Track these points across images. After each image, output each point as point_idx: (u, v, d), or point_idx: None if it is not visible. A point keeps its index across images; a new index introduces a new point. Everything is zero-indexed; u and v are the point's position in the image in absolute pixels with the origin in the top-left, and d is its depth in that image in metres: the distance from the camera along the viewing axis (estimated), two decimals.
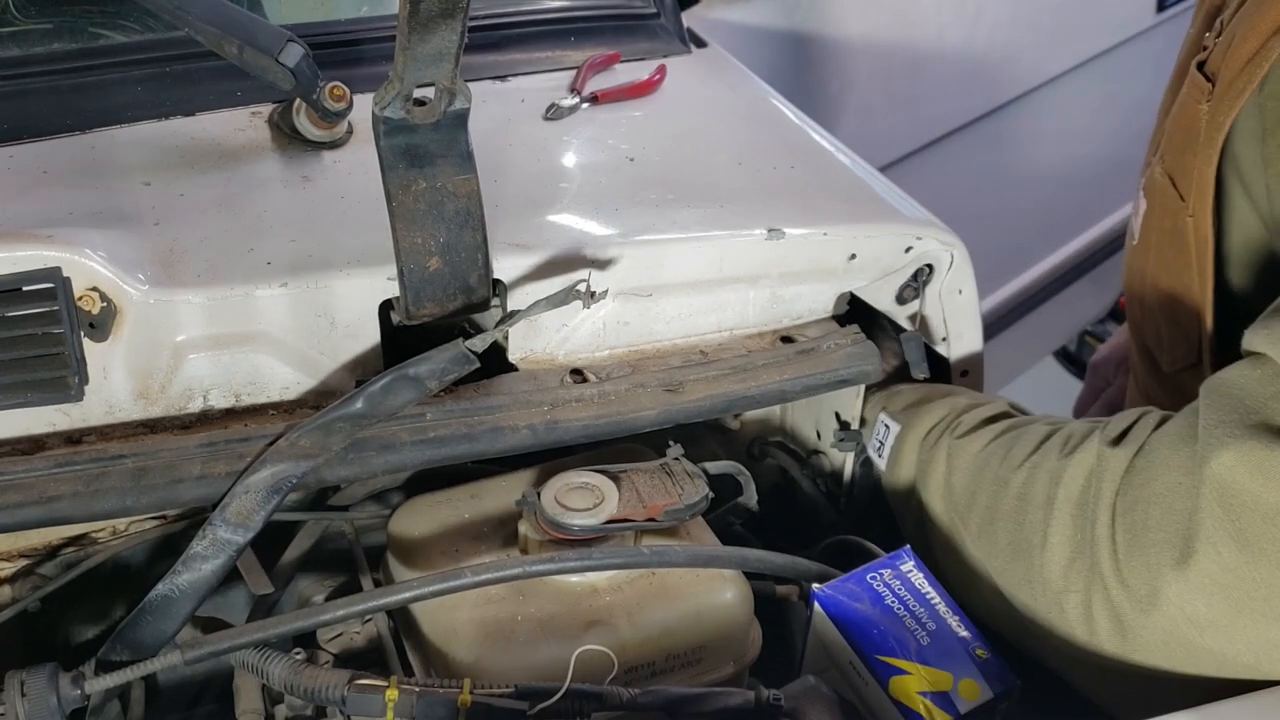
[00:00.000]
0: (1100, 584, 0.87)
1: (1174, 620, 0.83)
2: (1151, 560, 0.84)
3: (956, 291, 1.20)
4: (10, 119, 1.14)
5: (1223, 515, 0.80)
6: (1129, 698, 0.90)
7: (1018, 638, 0.98)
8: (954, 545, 1.03)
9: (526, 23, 1.42)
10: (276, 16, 1.41)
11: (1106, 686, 0.92)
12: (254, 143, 1.16)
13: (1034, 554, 0.93)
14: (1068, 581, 0.90)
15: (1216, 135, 0.96)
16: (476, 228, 0.98)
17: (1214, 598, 0.80)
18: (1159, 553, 0.83)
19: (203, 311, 0.96)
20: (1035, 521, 0.93)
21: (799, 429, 1.32)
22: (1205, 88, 0.99)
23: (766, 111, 1.40)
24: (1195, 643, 0.82)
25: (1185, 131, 1.02)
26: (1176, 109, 1.06)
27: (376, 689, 0.87)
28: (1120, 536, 0.86)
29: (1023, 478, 0.96)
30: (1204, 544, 0.80)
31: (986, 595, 0.99)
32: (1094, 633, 0.88)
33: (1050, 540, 0.91)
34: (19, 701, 0.85)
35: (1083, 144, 2.91)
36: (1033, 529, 0.93)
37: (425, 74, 0.88)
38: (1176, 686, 0.85)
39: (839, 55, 2.38)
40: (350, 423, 0.93)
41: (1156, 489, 0.85)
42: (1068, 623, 0.90)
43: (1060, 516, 0.91)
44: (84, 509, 0.90)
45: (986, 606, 1.00)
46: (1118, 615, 0.86)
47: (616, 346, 1.11)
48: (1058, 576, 0.90)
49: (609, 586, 0.98)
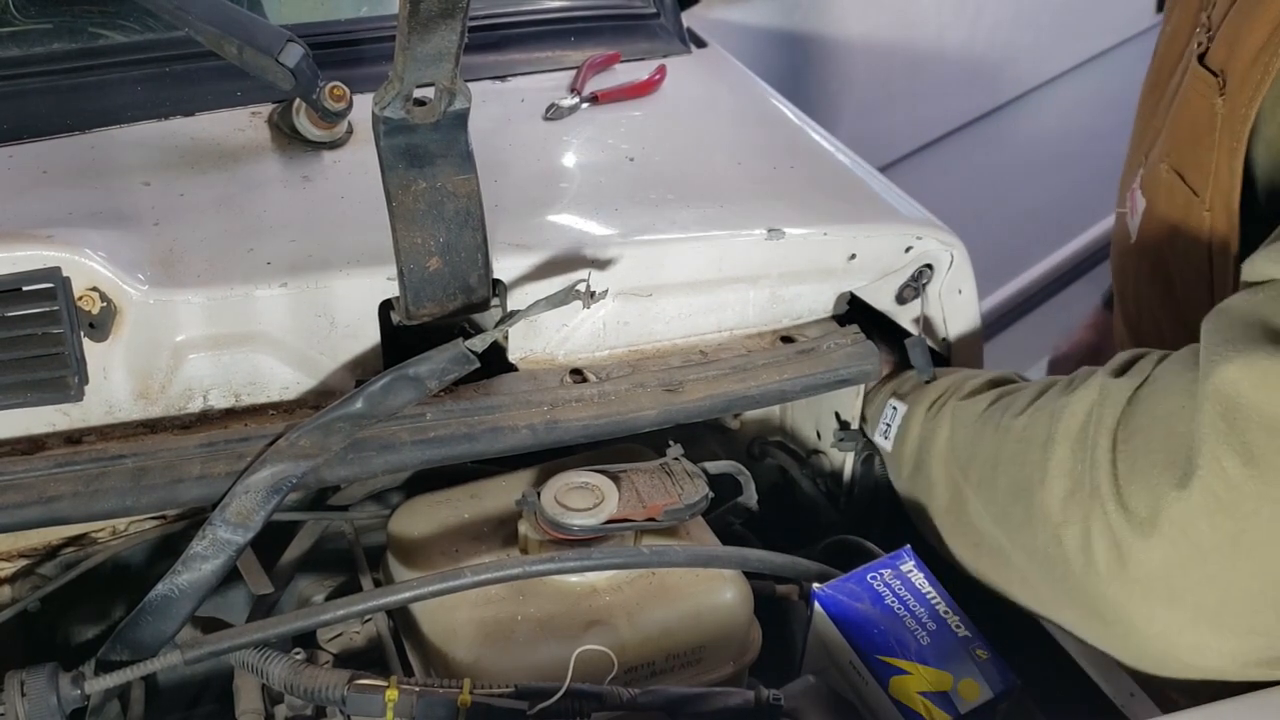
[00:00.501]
0: (1100, 509, 0.84)
1: (1175, 544, 0.80)
2: (1153, 481, 0.81)
3: (956, 291, 1.20)
4: (10, 119, 1.14)
5: (1226, 429, 0.77)
6: (1123, 639, 0.87)
7: (1017, 594, 0.96)
8: (955, 508, 1.02)
9: (526, 23, 1.42)
10: (276, 16, 1.41)
11: (1100, 627, 0.89)
12: (254, 143, 1.16)
13: (1034, 491, 0.90)
14: (1066, 513, 0.87)
15: (1240, 128, 0.96)
16: (476, 228, 0.98)
17: (1216, 516, 0.78)
18: (1160, 474, 0.81)
19: (202, 311, 0.96)
20: (1035, 460, 0.91)
21: (799, 429, 1.32)
22: (1213, 82, 1.00)
23: (766, 111, 1.40)
24: (1196, 570, 0.80)
25: (1193, 126, 1.03)
26: (1179, 105, 1.07)
27: (376, 689, 0.87)
28: (1121, 461, 0.84)
29: (1024, 421, 0.94)
30: (1206, 460, 0.78)
31: (987, 556, 0.98)
32: (1091, 563, 0.85)
33: (1050, 474, 0.89)
34: (19, 701, 0.85)
35: (1083, 144, 2.92)
36: (1033, 467, 0.91)
37: (425, 74, 0.88)
38: (1174, 627, 0.83)
39: (839, 55, 2.38)
40: (350, 423, 0.93)
41: (1158, 413, 0.83)
42: (1065, 556, 0.87)
43: (1060, 450, 0.89)
44: (84, 509, 0.90)
45: (987, 570, 0.98)
46: (1117, 542, 0.83)
47: (616, 346, 1.11)
48: (1056, 510, 0.88)
49: (609, 586, 0.98)
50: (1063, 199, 2.95)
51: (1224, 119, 0.99)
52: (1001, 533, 0.95)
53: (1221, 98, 0.98)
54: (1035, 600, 0.95)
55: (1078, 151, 2.94)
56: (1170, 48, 1.17)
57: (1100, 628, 0.89)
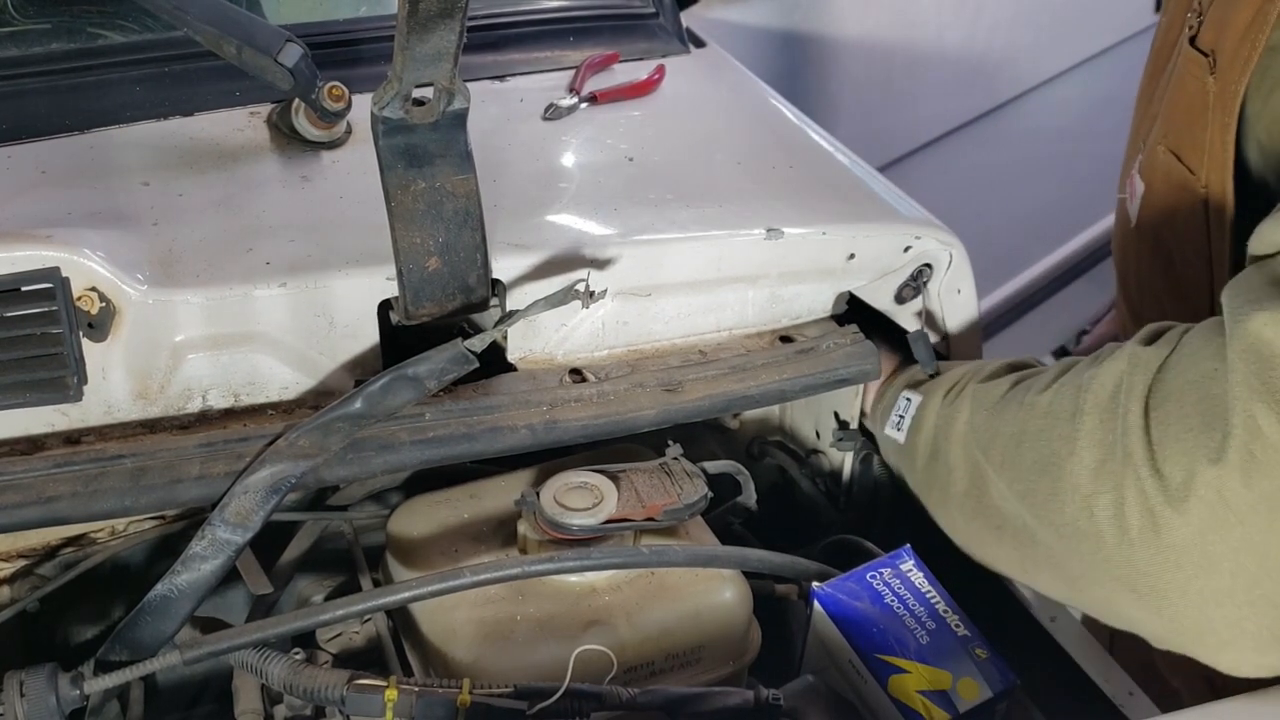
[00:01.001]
0: (1133, 477, 0.83)
1: (1211, 508, 0.78)
2: (1187, 446, 0.80)
3: (955, 291, 1.20)
4: (9, 119, 1.14)
5: (1260, 386, 0.76)
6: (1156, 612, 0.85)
7: (1042, 576, 0.94)
8: (975, 491, 1.00)
9: (525, 23, 1.42)
10: (275, 16, 1.41)
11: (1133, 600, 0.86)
12: (253, 143, 1.16)
13: (1062, 464, 0.88)
14: (1098, 483, 0.85)
15: (1232, 103, 0.99)
16: (475, 227, 0.98)
17: (1253, 476, 0.76)
18: (1195, 439, 0.80)
19: (201, 311, 0.96)
20: (1063, 433, 0.89)
21: (798, 428, 1.32)
22: (1204, 62, 1.02)
23: (766, 111, 1.40)
24: (1233, 534, 0.78)
25: (1188, 107, 1.05)
26: (1173, 89, 1.10)
27: (376, 689, 0.87)
28: (1155, 428, 0.82)
29: (1049, 397, 0.93)
30: (1240, 418, 0.77)
31: (1010, 539, 0.96)
32: (1125, 532, 0.83)
33: (1079, 445, 0.87)
34: (18, 702, 0.85)
35: (1082, 143, 2.92)
36: (1060, 440, 0.89)
37: (424, 74, 0.88)
38: (1210, 596, 0.81)
39: (839, 55, 2.38)
40: (349, 423, 0.93)
41: (1191, 378, 0.82)
42: (1096, 527, 0.85)
43: (1089, 420, 0.88)
44: (83, 509, 0.90)
45: (1009, 554, 0.96)
46: (1150, 509, 0.81)
47: (615, 346, 1.11)
48: (1087, 480, 0.86)
49: (608, 586, 0.98)
50: (1062, 198, 2.95)
51: (1215, 96, 1.01)
52: (1027, 510, 0.93)
53: (1213, 76, 1.01)
54: (1062, 579, 0.92)
55: (1077, 150, 2.94)
56: (1165, 38, 1.20)
57: (1133, 601, 0.86)
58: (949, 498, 1.04)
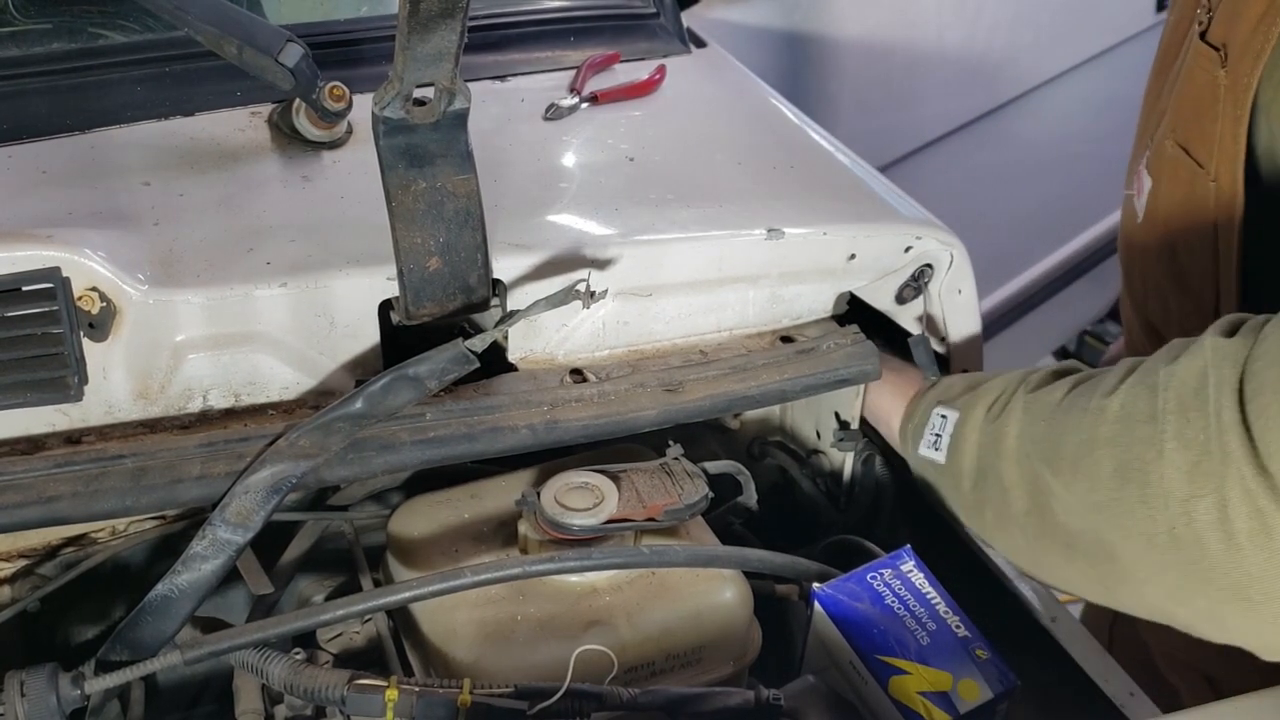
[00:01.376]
0: (1236, 476, 0.76)
1: None
2: None
3: (956, 291, 1.20)
4: (10, 119, 1.14)
5: None
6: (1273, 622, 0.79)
7: (1124, 593, 0.88)
8: (1038, 509, 0.93)
9: (526, 23, 1.42)
10: (276, 16, 1.41)
11: (1244, 610, 0.79)
12: (253, 143, 1.16)
13: (1149, 469, 0.82)
14: (1194, 487, 0.79)
15: (1244, 96, 0.99)
16: (476, 227, 0.98)
17: None
18: None
19: (202, 311, 0.96)
20: (1144, 436, 0.83)
21: (799, 429, 1.32)
22: (1214, 56, 1.03)
23: (766, 111, 1.40)
24: None
25: (1197, 101, 1.06)
26: (1183, 82, 1.10)
27: (376, 689, 0.87)
28: (1254, 421, 0.76)
29: (1120, 399, 0.86)
30: None
31: (1082, 558, 0.90)
32: (1232, 537, 0.77)
33: (1167, 448, 0.81)
34: (19, 701, 0.85)
35: (1083, 144, 2.92)
36: (1143, 444, 0.83)
37: (425, 74, 0.88)
38: None
39: (839, 55, 2.38)
40: (350, 423, 0.93)
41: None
42: (1196, 534, 0.79)
43: (1176, 421, 0.81)
44: (84, 509, 0.90)
45: (1082, 573, 0.91)
46: (1260, 511, 0.75)
47: (616, 346, 1.11)
48: (1181, 484, 0.79)
49: (609, 586, 0.98)
50: (1063, 199, 2.95)
51: (1226, 89, 1.02)
52: (1105, 522, 0.86)
53: (1223, 70, 1.02)
54: (1153, 594, 0.86)
55: (1078, 151, 2.93)
56: (1174, 35, 1.20)
57: (1244, 611, 0.80)
58: (1008, 519, 0.97)
